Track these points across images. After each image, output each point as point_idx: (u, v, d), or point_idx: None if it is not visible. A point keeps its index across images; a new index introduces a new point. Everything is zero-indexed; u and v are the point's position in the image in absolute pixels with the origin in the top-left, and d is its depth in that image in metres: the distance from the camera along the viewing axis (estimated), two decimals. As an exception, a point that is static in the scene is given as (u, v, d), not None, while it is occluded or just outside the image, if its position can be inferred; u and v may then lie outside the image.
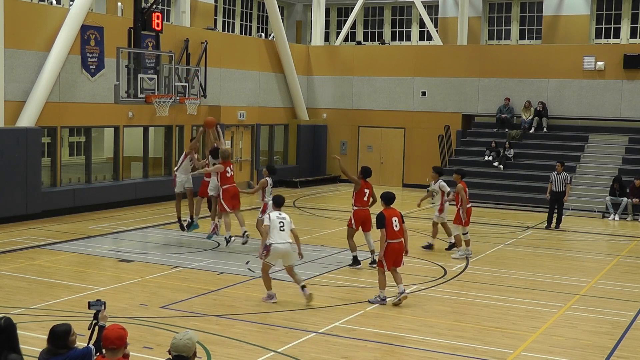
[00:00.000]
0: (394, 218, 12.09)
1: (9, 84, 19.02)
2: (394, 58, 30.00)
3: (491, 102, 28.26)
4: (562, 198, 20.21)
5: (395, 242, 12.05)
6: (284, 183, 28.41)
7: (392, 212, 12.21)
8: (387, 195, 12.43)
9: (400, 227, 12.11)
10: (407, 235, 12.31)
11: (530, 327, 11.12)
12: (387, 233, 11.98)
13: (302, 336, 10.33)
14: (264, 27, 34.97)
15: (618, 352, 10.07)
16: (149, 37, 21.55)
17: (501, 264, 15.65)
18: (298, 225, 19.64)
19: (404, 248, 12.18)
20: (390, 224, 11.99)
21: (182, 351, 5.56)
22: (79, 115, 21.05)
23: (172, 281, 13.38)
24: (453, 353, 9.83)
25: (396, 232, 12.04)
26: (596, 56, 26.73)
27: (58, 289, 12.63)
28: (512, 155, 26.19)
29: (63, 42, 19.94)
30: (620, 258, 16.86)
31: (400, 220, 12.17)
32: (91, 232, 18.03)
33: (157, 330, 10.32)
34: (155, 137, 24.45)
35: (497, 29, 33.75)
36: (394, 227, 12.01)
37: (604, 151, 26.05)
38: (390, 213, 12.17)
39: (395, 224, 12.03)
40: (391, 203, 12.39)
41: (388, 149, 30.01)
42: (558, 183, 20.23)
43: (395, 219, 12.08)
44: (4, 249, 15.61)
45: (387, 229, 11.97)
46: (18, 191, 18.78)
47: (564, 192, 20.18)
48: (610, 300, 12.90)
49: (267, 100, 28.80)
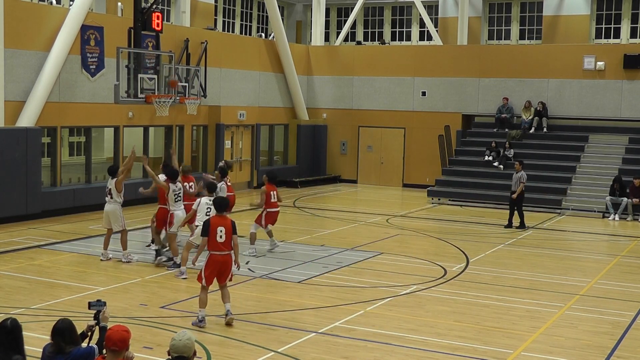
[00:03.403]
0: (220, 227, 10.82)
1: (9, 84, 19.02)
2: (394, 58, 30.00)
3: (491, 102, 28.26)
4: (517, 197, 20.16)
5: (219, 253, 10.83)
6: (284, 183, 28.40)
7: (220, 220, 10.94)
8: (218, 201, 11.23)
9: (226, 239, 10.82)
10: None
11: (530, 327, 11.12)
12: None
13: (302, 336, 10.33)
14: (264, 27, 34.97)
15: (618, 352, 10.08)
16: (149, 37, 21.57)
17: (501, 264, 15.65)
18: (298, 225, 19.76)
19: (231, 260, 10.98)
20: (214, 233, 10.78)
21: (182, 352, 5.56)
22: (79, 115, 21.05)
23: (172, 281, 13.38)
24: (453, 353, 9.84)
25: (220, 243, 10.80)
26: (596, 56, 26.72)
27: (58, 289, 12.64)
28: (512, 155, 26.19)
29: (63, 42, 19.94)
30: (620, 258, 16.86)
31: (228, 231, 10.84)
32: (91, 232, 18.03)
33: (157, 330, 10.32)
34: (155, 137, 24.45)
35: (497, 29, 33.74)
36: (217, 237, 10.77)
37: (604, 151, 26.04)
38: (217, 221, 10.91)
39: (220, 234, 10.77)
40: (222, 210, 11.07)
41: (388, 149, 30.00)
42: (514, 182, 20.27)
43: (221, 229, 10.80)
44: (4, 249, 15.61)
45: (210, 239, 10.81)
46: (18, 191, 18.78)
47: (518, 194, 20.13)
48: (610, 300, 12.90)
49: (267, 100, 28.81)
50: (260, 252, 15.99)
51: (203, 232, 10.93)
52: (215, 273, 10.82)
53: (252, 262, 15.05)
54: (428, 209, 24.16)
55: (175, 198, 14.58)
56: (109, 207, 14.89)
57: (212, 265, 10.77)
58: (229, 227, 10.76)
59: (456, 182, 26.24)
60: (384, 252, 16.40)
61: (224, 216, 10.92)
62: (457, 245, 17.58)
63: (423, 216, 22.33)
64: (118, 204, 14.87)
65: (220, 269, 10.82)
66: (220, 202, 11.10)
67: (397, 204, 25.71)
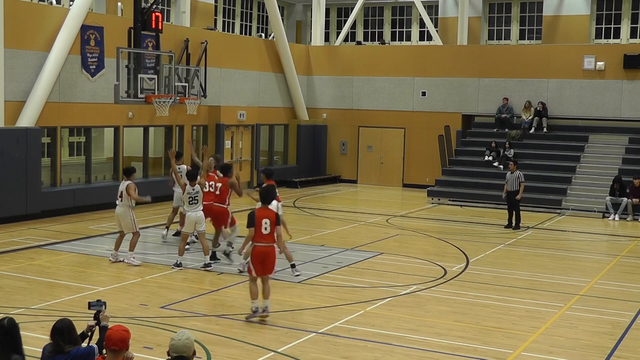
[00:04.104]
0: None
1: (9, 84, 19.02)
2: (394, 58, 30.00)
3: (491, 102, 28.26)
4: (515, 197, 20.22)
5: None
6: (284, 183, 28.40)
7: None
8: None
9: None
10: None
11: (530, 327, 11.12)
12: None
13: (302, 336, 10.33)
14: (264, 27, 34.98)
15: (618, 352, 10.08)
16: (149, 37, 21.57)
17: (501, 264, 15.65)
18: (298, 225, 19.74)
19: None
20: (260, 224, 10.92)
21: (182, 351, 5.56)
22: (79, 115, 21.05)
23: (172, 281, 13.38)
24: (453, 353, 9.84)
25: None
26: (596, 56, 26.72)
27: (58, 289, 12.64)
28: (512, 155, 26.17)
29: (63, 42, 19.94)
30: (620, 258, 16.86)
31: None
32: (91, 232, 18.03)
33: (157, 330, 10.32)
34: (155, 137, 24.45)
35: (497, 29, 33.74)
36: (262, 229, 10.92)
37: (604, 151, 26.04)
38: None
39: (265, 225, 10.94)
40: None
41: (388, 149, 30.00)
42: (512, 182, 20.28)
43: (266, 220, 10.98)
44: (4, 249, 15.61)
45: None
46: (18, 191, 18.78)
47: (518, 191, 20.21)
48: (610, 300, 12.90)
49: (267, 100, 28.81)
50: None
51: (249, 223, 10.96)
52: (257, 264, 10.94)
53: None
54: (428, 209, 24.16)
55: (189, 200, 14.32)
56: (119, 210, 14.65)
57: (257, 257, 10.92)
58: (273, 218, 10.97)
59: (456, 182, 26.23)
60: (384, 252, 16.40)
61: (268, 208, 11.11)
62: (457, 245, 17.58)
63: (423, 216, 22.33)
64: (129, 207, 14.57)
65: (265, 260, 10.94)
66: (266, 194, 11.24)
67: (397, 204, 25.71)
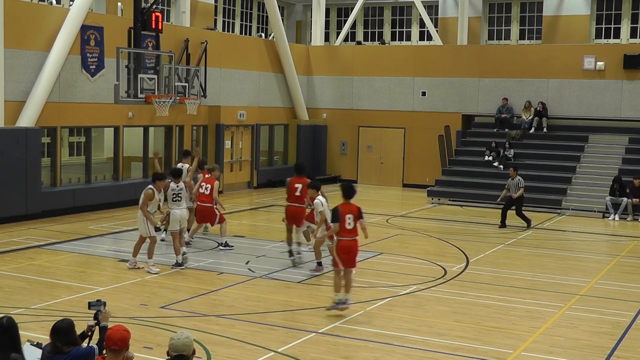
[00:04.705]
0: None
1: (9, 84, 19.02)
2: (394, 58, 30.00)
3: (491, 102, 28.26)
4: (517, 201, 20.29)
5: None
6: (284, 183, 28.31)
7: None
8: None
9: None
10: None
11: (530, 327, 11.12)
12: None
13: (302, 336, 10.33)
14: (264, 27, 34.97)
15: (618, 352, 10.08)
16: (149, 37, 21.57)
17: (501, 264, 15.65)
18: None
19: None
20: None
21: (182, 350, 5.56)
22: (79, 115, 21.05)
23: (172, 281, 13.38)
24: (453, 353, 9.84)
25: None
26: (596, 56, 26.72)
27: (58, 289, 12.64)
28: (512, 155, 26.19)
29: (63, 42, 19.94)
30: (620, 258, 16.85)
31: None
32: (91, 232, 18.03)
33: (157, 330, 10.32)
34: (155, 137, 24.44)
35: (497, 29, 33.74)
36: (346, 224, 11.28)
37: (604, 151, 26.03)
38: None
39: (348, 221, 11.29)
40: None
41: (388, 149, 30.00)
42: (513, 188, 20.33)
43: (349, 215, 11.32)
44: (4, 249, 15.61)
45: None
46: (18, 191, 18.78)
47: (519, 197, 20.28)
48: (610, 300, 12.90)
49: (267, 100, 28.80)
50: (261, 252, 16.01)
51: (333, 218, 11.30)
52: (341, 257, 11.29)
53: (252, 262, 15.06)
54: (428, 209, 24.16)
55: (173, 197, 14.57)
56: (139, 212, 14.30)
57: (342, 250, 11.28)
58: (356, 213, 11.28)
59: (456, 182, 26.23)
60: (384, 252, 16.39)
61: (350, 203, 11.37)
62: (457, 245, 17.58)
63: (423, 216, 22.33)
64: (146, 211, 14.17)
65: (349, 253, 11.29)
66: (348, 189, 11.50)
67: (397, 204, 25.71)
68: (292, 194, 15.06)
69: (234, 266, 14.64)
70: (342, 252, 11.34)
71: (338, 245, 11.37)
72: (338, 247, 11.37)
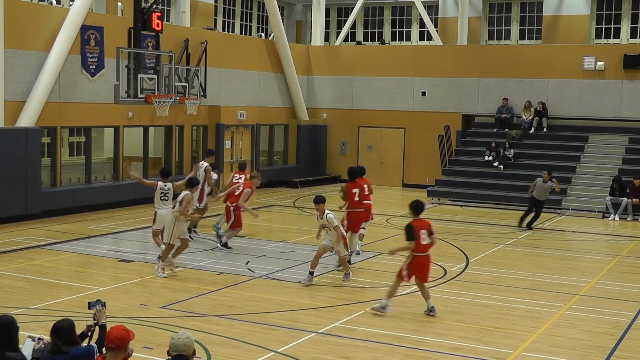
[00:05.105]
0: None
1: (9, 84, 19.01)
2: (394, 58, 30.00)
3: (491, 102, 28.25)
4: (541, 205, 20.30)
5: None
6: (284, 183, 28.42)
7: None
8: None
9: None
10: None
11: (530, 327, 11.12)
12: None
13: (302, 336, 10.33)
14: (264, 27, 34.97)
15: (618, 352, 10.07)
16: (149, 37, 21.56)
17: (501, 264, 15.64)
18: (298, 225, 19.74)
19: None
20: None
21: (182, 350, 5.57)
22: (79, 115, 21.05)
23: (172, 281, 13.37)
24: (453, 353, 9.83)
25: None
26: (596, 56, 26.72)
27: (58, 289, 12.64)
28: (512, 155, 26.19)
29: (63, 42, 19.94)
30: (620, 258, 16.85)
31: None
32: (91, 232, 18.03)
33: (157, 330, 10.32)
34: (155, 137, 24.44)
35: (497, 29, 33.74)
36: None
37: (604, 151, 26.04)
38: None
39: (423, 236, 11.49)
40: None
41: (388, 149, 29.99)
42: (542, 191, 20.21)
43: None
44: (4, 249, 15.61)
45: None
46: (18, 191, 18.78)
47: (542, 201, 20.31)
48: (610, 300, 12.89)
49: (267, 100, 28.80)
50: (261, 252, 16.01)
51: (409, 236, 11.42)
52: (415, 272, 11.50)
53: (252, 262, 15.06)
54: (428, 209, 24.13)
55: (161, 196, 14.76)
56: (168, 215, 14.04)
57: (415, 266, 11.45)
58: (429, 228, 11.55)
59: (456, 182, 26.23)
60: (384, 252, 16.36)
61: (422, 219, 11.67)
62: (457, 245, 17.58)
63: (423, 216, 22.29)
64: (176, 217, 13.78)
65: (422, 269, 11.51)
66: (419, 206, 11.76)
67: (397, 204, 25.68)
68: (352, 199, 14.95)
69: (234, 266, 14.64)
70: (416, 269, 11.49)
71: (413, 262, 11.47)
72: (413, 263, 11.47)
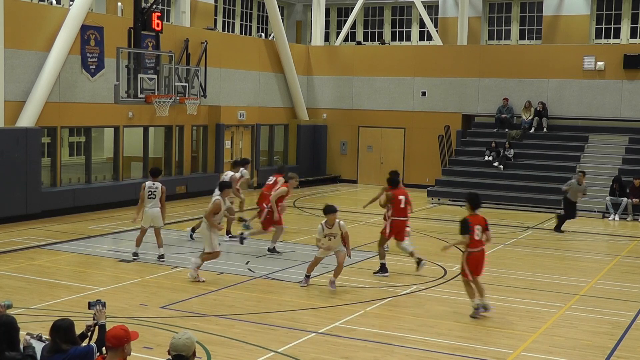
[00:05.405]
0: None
1: (9, 84, 19.01)
2: (394, 58, 30.00)
3: (491, 102, 28.25)
4: (574, 207, 20.19)
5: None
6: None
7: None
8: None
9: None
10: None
11: (530, 327, 11.12)
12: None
13: (302, 336, 10.33)
14: (264, 27, 34.97)
15: (618, 352, 10.07)
16: (149, 37, 21.56)
17: (501, 264, 15.64)
18: (298, 225, 19.73)
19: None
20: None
21: (181, 350, 5.56)
22: (79, 115, 21.05)
23: (172, 281, 13.38)
24: (453, 353, 9.83)
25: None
26: (596, 56, 26.72)
27: (58, 289, 12.64)
28: (512, 155, 26.19)
29: (63, 42, 19.94)
30: (620, 258, 16.85)
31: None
32: (91, 232, 18.03)
33: (157, 330, 10.32)
34: (155, 137, 24.44)
35: (497, 29, 33.74)
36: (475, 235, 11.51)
37: (604, 151, 26.04)
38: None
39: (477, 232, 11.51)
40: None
41: (388, 149, 29.99)
42: (575, 193, 20.07)
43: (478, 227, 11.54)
44: (4, 249, 15.61)
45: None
46: (18, 191, 18.78)
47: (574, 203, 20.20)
48: (610, 300, 12.89)
49: (267, 100, 28.80)
50: (260, 252, 16.01)
51: (464, 230, 11.47)
52: (471, 268, 11.53)
53: (252, 262, 15.06)
54: (428, 209, 24.16)
55: (148, 195, 14.97)
56: (203, 224, 13.88)
57: (472, 261, 11.51)
58: (484, 224, 11.58)
59: (456, 182, 26.22)
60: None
61: (477, 214, 11.65)
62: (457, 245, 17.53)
63: (423, 216, 22.30)
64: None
65: (478, 264, 11.54)
66: (476, 200, 11.74)
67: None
68: (397, 206, 14.93)
69: (234, 266, 14.65)
70: (472, 264, 11.52)
71: (469, 257, 11.54)
72: (469, 259, 11.54)
